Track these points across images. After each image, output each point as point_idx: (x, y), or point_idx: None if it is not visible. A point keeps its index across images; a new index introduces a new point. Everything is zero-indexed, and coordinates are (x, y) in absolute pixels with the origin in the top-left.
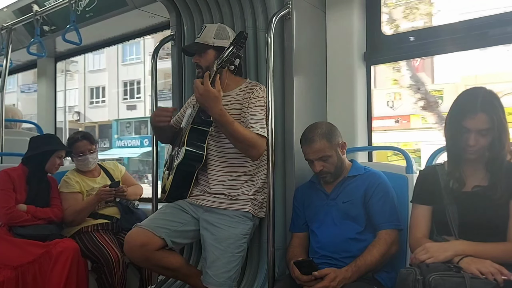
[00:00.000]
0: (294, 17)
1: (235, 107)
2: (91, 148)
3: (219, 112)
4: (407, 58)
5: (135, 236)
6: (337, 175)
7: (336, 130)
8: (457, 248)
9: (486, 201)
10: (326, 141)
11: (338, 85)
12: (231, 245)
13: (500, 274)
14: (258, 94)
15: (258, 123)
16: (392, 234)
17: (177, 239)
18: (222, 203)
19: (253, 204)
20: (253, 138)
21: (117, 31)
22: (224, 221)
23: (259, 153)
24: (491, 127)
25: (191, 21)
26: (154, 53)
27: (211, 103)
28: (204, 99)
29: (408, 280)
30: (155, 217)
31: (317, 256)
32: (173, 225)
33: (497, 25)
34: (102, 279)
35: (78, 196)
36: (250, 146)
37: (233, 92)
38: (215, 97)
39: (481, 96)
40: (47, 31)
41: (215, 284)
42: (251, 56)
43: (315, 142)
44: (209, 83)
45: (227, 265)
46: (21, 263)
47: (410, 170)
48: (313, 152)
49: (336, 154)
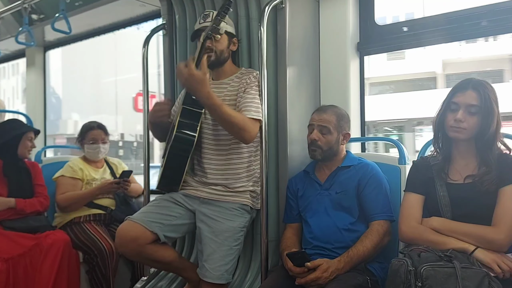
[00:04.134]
0: (287, 6)
1: (231, 93)
2: (104, 138)
3: (206, 95)
4: (401, 48)
5: (127, 230)
6: (327, 156)
7: (348, 119)
8: (433, 224)
9: (478, 191)
10: (336, 118)
11: (332, 75)
12: (228, 238)
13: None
14: (253, 80)
15: (252, 107)
16: (384, 225)
17: (170, 233)
18: (220, 195)
19: (251, 196)
20: (243, 121)
21: (107, 19)
22: (221, 214)
23: (251, 136)
24: (480, 105)
25: (182, 10)
26: (145, 42)
27: (197, 86)
28: (190, 83)
29: (400, 271)
30: (147, 210)
31: (310, 247)
32: (166, 219)
33: (490, 15)
34: (95, 270)
35: (77, 183)
36: (241, 129)
37: (229, 79)
38: (200, 80)
39: (475, 79)
40: (36, 20)
41: (212, 278)
42: (244, 46)
43: (326, 112)
44: (193, 66)
45: (224, 258)
46: (11, 256)
47: (403, 161)
48: (319, 119)
49: (336, 136)
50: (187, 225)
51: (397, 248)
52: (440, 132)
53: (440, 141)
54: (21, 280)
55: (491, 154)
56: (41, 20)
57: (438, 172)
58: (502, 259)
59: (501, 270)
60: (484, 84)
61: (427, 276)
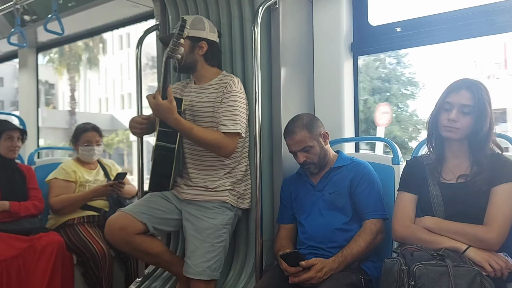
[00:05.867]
0: (280, 7)
1: (210, 100)
2: (98, 140)
3: (174, 121)
4: (394, 49)
5: (115, 219)
6: (321, 165)
7: (317, 121)
8: (426, 224)
9: (470, 191)
10: (307, 132)
11: (325, 75)
12: (210, 235)
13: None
14: (232, 89)
15: (229, 120)
16: (377, 223)
17: (159, 225)
18: (200, 195)
19: (231, 194)
20: (216, 140)
21: (100, 20)
22: (203, 213)
23: (228, 151)
24: (473, 106)
25: (175, 10)
26: (138, 43)
27: (165, 115)
28: (158, 112)
29: (393, 270)
30: (138, 203)
31: (304, 247)
32: (156, 212)
33: (482, 16)
34: (89, 273)
35: (71, 185)
36: (216, 147)
37: (208, 84)
38: (167, 108)
39: (469, 79)
40: (28, 21)
41: (194, 274)
42: (237, 47)
43: (296, 134)
44: (159, 97)
45: (206, 255)
46: (4, 258)
47: (396, 160)
48: (294, 143)
49: (318, 145)
50: (176, 220)
51: (391, 247)
52: (433, 131)
53: (433, 141)
54: (14, 282)
55: (484, 154)
56: (34, 21)
57: (431, 171)
58: (494, 258)
59: (492, 269)
60: (478, 84)
61: (420, 274)
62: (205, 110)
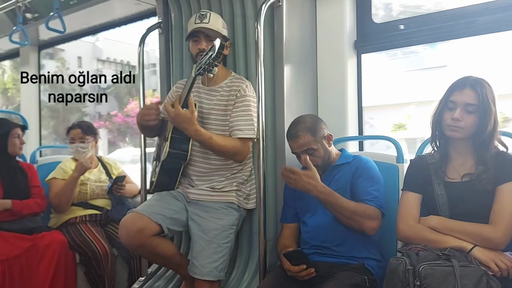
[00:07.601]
0: (284, 4)
1: (221, 102)
2: (82, 137)
3: (194, 132)
4: (398, 46)
5: (132, 221)
6: (325, 167)
7: (320, 123)
8: (431, 223)
9: (475, 190)
10: (311, 135)
11: (329, 74)
12: (217, 236)
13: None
14: (246, 93)
15: (245, 125)
16: (373, 210)
17: (172, 226)
18: (206, 195)
19: (237, 195)
20: (235, 147)
21: (102, 18)
22: (210, 213)
23: (243, 157)
24: (477, 104)
25: (178, 8)
26: (141, 41)
27: (184, 125)
28: (177, 122)
29: (398, 270)
30: (149, 203)
31: (308, 246)
32: (167, 212)
33: (486, 13)
34: (91, 272)
35: None
36: (233, 154)
37: (218, 87)
38: (187, 119)
39: (473, 77)
40: (30, 19)
41: (201, 274)
42: (240, 46)
43: (299, 137)
44: (179, 106)
45: (213, 255)
46: (7, 257)
47: (400, 159)
48: (298, 146)
49: (322, 147)
50: (185, 220)
51: (395, 246)
52: (437, 130)
53: (437, 140)
54: (17, 281)
55: (488, 152)
56: (35, 19)
57: (436, 170)
58: (500, 258)
59: (498, 269)
60: (482, 83)
61: (426, 275)
62: (215, 113)
